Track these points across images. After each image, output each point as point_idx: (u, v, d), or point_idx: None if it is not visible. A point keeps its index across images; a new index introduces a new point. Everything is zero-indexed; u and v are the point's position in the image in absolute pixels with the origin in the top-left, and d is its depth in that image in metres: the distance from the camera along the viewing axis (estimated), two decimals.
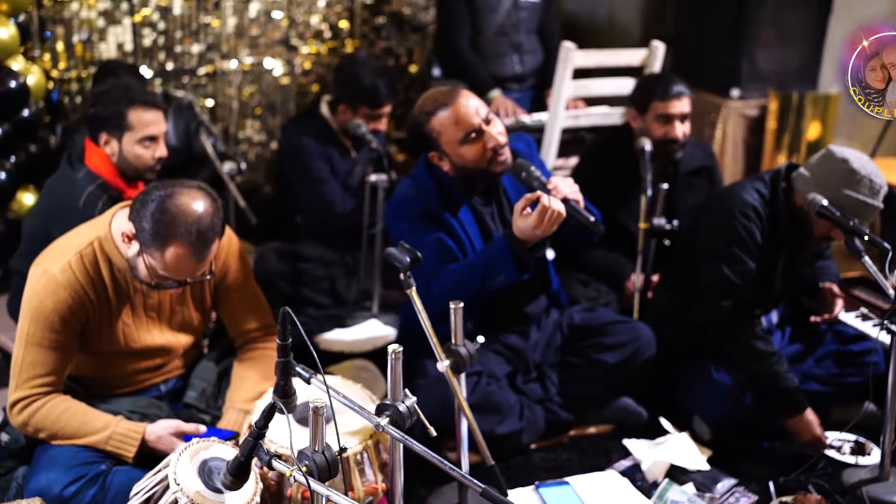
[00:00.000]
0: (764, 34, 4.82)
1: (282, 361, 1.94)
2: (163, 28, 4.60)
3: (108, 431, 2.40)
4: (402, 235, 2.86)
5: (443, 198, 2.91)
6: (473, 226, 2.94)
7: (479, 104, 2.85)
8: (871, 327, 3.39)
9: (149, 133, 3.03)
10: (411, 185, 2.96)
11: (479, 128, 2.81)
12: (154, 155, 3.06)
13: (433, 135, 2.86)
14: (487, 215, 2.99)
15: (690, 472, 2.90)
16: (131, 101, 3.02)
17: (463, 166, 2.85)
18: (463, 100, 2.83)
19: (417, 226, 2.86)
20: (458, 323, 2.35)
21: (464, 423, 2.49)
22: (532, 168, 2.79)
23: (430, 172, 2.95)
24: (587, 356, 3.09)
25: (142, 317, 2.57)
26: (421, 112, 2.88)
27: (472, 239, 2.92)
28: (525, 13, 4.58)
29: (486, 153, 2.81)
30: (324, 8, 5.01)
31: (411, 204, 2.91)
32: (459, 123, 2.81)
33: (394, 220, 2.97)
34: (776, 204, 3.07)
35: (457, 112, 2.81)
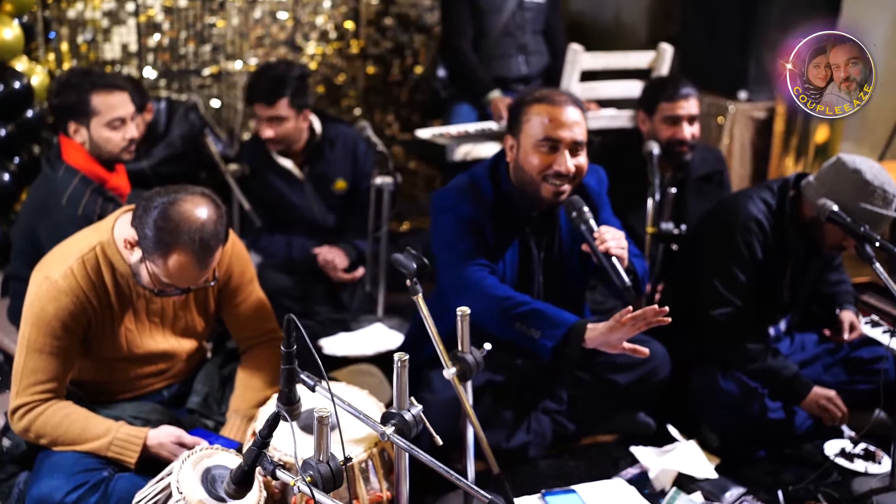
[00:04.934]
0: (772, 36, 4.78)
1: (286, 368, 1.92)
2: (167, 29, 4.58)
3: (110, 437, 2.38)
4: (441, 229, 2.80)
5: (494, 212, 2.78)
6: (514, 252, 2.84)
7: (580, 128, 2.69)
8: (882, 334, 3.37)
9: (116, 115, 3.02)
10: (469, 186, 2.82)
11: (561, 143, 2.67)
12: (125, 136, 3.05)
13: (523, 118, 2.72)
14: (534, 244, 2.86)
15: (698, 480, 2.87)
16: (93, 85, 3.02)
17: (522, 166, 2.72)
18: (569, 111, 2.69)
19: (461, 227, 2.74)
20: (465, 330, 2.32)
21: (470, 431, 2.46)
22: (585, 210, 2.63)
23: (491, 178, 2.82)
24: (598, 374, 3.03)
25: (144, 322, 2.55)
26: (532, 93, 2.77)
27: (506, 265, 2.82)
28: (530, 14, 4.55)
29: (547, 169, 2.67)
30: (329, 8, 4.99)
31: (463, 203, 2.77)
32: (549, 125, 2.67)
33: (440, 210, 2.82)
34: (783, 214, 3.04)
35: (555, 115, 2.67)
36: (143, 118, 3.78)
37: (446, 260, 2.77)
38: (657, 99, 3.55)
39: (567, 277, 2.96)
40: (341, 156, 3.92)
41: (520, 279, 2.88)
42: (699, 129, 3.57)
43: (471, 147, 3.99)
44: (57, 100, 3.05)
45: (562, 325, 2.57)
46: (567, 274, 2.95)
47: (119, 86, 3.08)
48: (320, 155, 3.91)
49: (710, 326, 3.06)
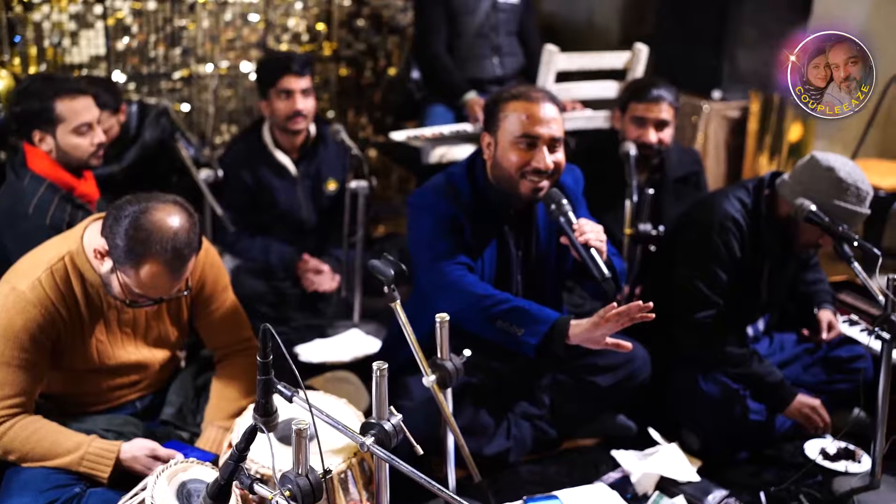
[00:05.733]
0: (744, 35, 4.80)
1: (262, 379, 1.87)
2: (136, 32, 4.51)
3: (81, 452, 2.31)
4: (419, 229, 2.77)
5: (472, 211, 2.76)
6: (492, 251, 2.82)
7: (558, 124, 2.68)
8: (860, 332, 3.38)
9: (82, 121, 2.96)
10: (446, 185, 2.80)
11: (539, 140, 2.65)
12: (92, 142, 2.99)
13: (500, 115, 2.71)
14: (512, 242, 2.85)
15: (681, 483, 2.86)
16: (56, 92, 2.95)
17: (500, 164, 2.71)
18: (547, 107, 2.68)
19: (439, 226, 2.72)
20: (445, 337, 2.29)
21: (450, 439, 2.43)
22: (564, 203, 2.63)
23: (469, 176, 2.81)
24: (579, 376, 3.02)
25: (116, 333, 2.49)
26: (507, 91, 2.76)
27: (485, 263, 2.80)
28: (504, 15, 4.54)
29: (525, 166, 2.66)
30: (301, 10, 4.94)
31: (440, 202, 2.75)
32: (526, 122, 2.65)
33: (417, 209, 2.80)
34: (759, 212, 3.04)
35: (531, 112, 2.66)
36: (118, 119, 3.72)
37: (425, 260, 2.74)
38: (629, 98, 3.54)
39: (545, 276, 2.94)
40: (333, 156, 3.91)
41: (498, 278, 2.86)
42: (670, 136, 3.54)
43: (446, 149, 3.96)
44: (19, 108, 2.97)
45: (545, 322, 2.54)
46: (545, 273, 2.94)
47: (83, 90, 3.02)
48: (315, 153, 3.95)
49: (689, 328, 3.05)
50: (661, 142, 3.50)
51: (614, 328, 2.42)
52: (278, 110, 3.80)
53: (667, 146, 3.53)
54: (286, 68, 3.79)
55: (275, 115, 3.82)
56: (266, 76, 3.85)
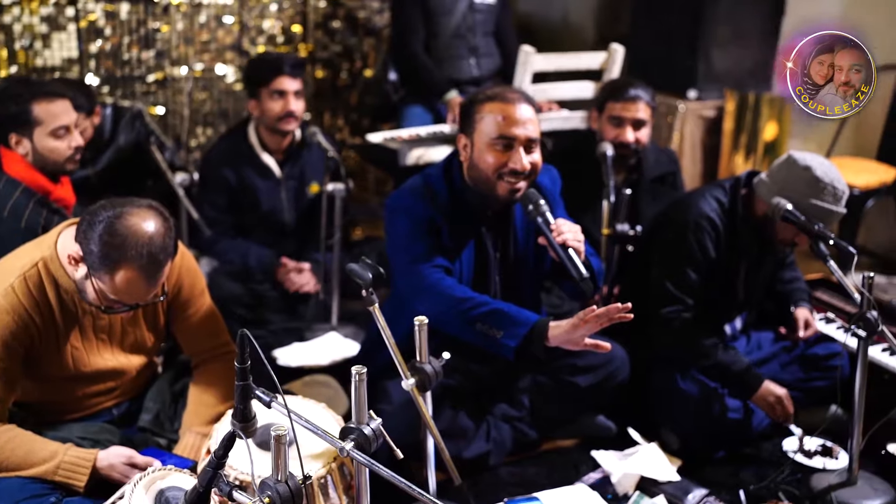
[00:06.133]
0: (719, 34, 4.83)
1: (241, 385, 1.86)
2: (109, 34, 4.47)
3: (57, 460, 2.28)
4: (396, 231, 2.76)
5: (449, 212, 2.76)
6: (470, 252, 2.82)
7: (534, 125, 2.68)
8: (836, 330, 3.40)
9: (60, 124, 2.93)
10: (423, 186, 2.79)
11: (515, 141, 2.64)
12: (70, 145, 2.97)
13: (476, 116, 2.70)
14: (490, 243, 2.85)
15: (661, 483, 2.86)
16: (33, 94, 2.93)
17: (476, 165, 2.70)
18: (522, 108, 2.67)
19: (416, 228, 2.71)
20: (424, 340, 2.28)
21: (430, 442, 2.42)
22: (541, 203, 2.63)
23: (445, 178, 2.80)
24: (558, 377, 3.02)
25: (92, 339, 2.46)
26: (483, 92, 2.75)
27: (463, 265, 2.80)
28: (481, 16, 4.53)
29: (502, 167, 2.65)
30: (276, 12, 4.91)
31: (417, 204, 2.74)
32: (502, 123, 2.64)
33: (394, 212, 2.79)
34: (735, 212, 3.05)
35: (507, 113, 2.65)
36: (92, 122, 3.68)
37: (402, 262, 2.73)
38: (607, 98, 3.55)
39: (523, 277, 2.94)
40: (317, 159, 3.90)
41: (477, 280, 2.86)
42: (647, 135, 3.55)
43: (423, 150, 3.95)
44: None
45: (524, 324, 2.54)
46: (523, 274, 2.94)
47: (60, 93, 3.00)
48: (299, 156, 3.94)
49: (663, 325, 3.06)
50: (639, 141, 3.51)
51: (593, 329, 2.43)
52: (270, 110, 3.78)
53: (644, 146, 3.54)
54: (280, 69, 3.78)
55: (265, 116, 3.80)
56: (258, 76, 3.83)
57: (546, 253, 2.74)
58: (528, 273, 2.95)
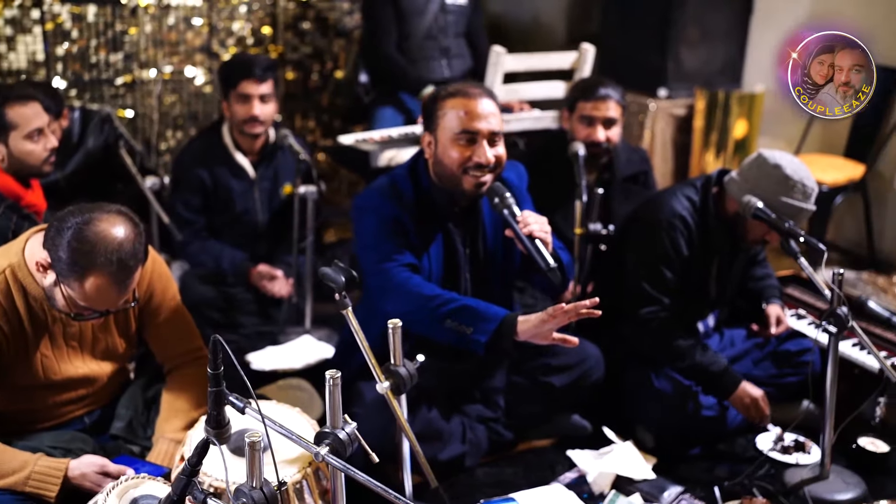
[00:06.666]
0: (689, 33, 4.87)
1: (214, 391, 1.84)
2: (77, 37, 4.42)
3: (27, 471, 2.25)
4: (364, 231, 2.77)
5: (416, 211, 2.77)
6: (439, 250, 2.82)
7: (497, 118, 2.70)
8: (807, 326, 3.43)
9: (34, 127, 2.93)
10: (389, 186, 2.80)
11: (479, 135, 2.66)
12: (45, 147, 2.97)
13: (438, 113, 2.71)
14: (458, 240, 2.85)
15: (636, 481, 2.88)
16: (5, 98, 2.92)
17: (441, 161, 2.71)
18: (484, 103, 2.69)
19: (383, 227, 2.72)
20: (398, 342, 2.27)
21: (405, 445, 2.41)
22: (507, 196, 2.66)
23: (411, 177, 2.81)
24: (533, 377, 3.03)
25: (62, 347, 2.43)
26: (444, 89, 2.76)
27: (432, 263, 2.80)
28: (452, 17, 4.53)
29: (467, 162, 2.67)
30: (246, 13, 4.88)
31: (384, 203, 2.75)
32: (464, 118, 2.66)
33: (362, 211, 2.80)
34: (707, 210, 3.07)
35: (469, 108, 2.67)
36: (60, 125, 3.63)
37: (371, 262, 2.73)
38: (577, 98, 3.56)
39: (493, 273, 2.95)
40: (291, 161, 3.87)
41: (446, 277, 2.86)
42: (619, 134, 3.57)
43: (395, 152, 3.94)
44: None
45: (493, 319, 2.55)
46: (493, 270, 2.95)
47: (32, 96, 2.99)
48: (273, 157, 3.91)
49: (639, 325, 3.08)
50: (609, 140, 3.52)
51: (561, 323, 2.44)
52: (236, 113, 3.76)
53: (615, 145, 3.55)
54: (247, 72, 3.75)
55: (233, 118, 3.79)
56: (227, 78, 3.81)
57: (516, 248, 2.76)
58: (499, 269, 2.96)
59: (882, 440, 3.06)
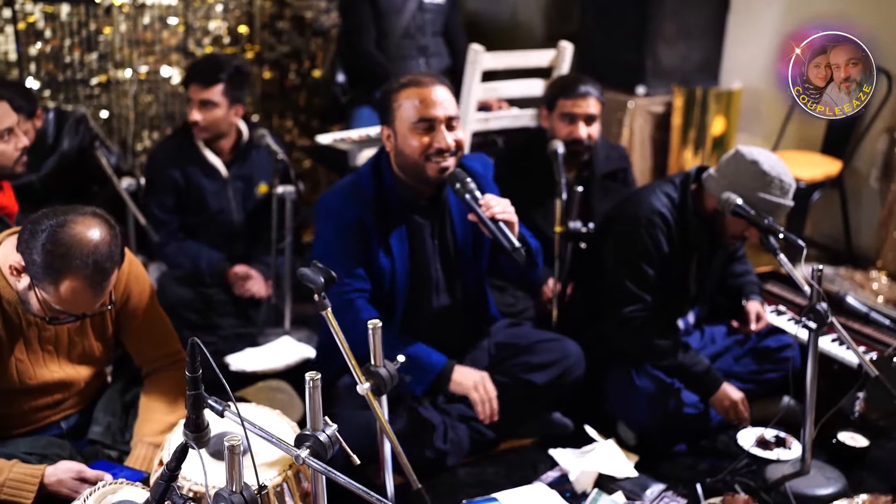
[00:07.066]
0: (666, 31, 4.87)
1: (192, 394, 1.82)
2: (50, 36, 4.37)
3: (1, 479, 2.21)
4: (324, 241, 2.81)
5: (379, 206, 2.79)
6: (404, 244, 2.84)
7: (451, 103, 2.75)
8: (787, 322, 3.45)
9: (3, 126, 2.91)
10: (350, 186, 2.85)
11: (436, 122, 2.70)
12: (17, 146, 2.94)
13: (393, 105, 2.75)
14: (426, 232, 2.88)
15: (619, 480, 2.88)
16: None
17: (402, 151, 2.75)
18: (438, 89, 2.73)
19: (341, 237, 2.76)
20: (378, 343, 2.26)
21: (387, 446, 2.40)
22: (468, 181, 2.70)
23: (374, 173, 2.84)
24: (514, 376, 3.02)
25: (37, 351, 2.40)
26: (396, 81, 2.79)
27: (395, 261, 2.82)
28: (430, 15, 4.51)
29: (427, 149, 2.71)
30: (222, 12, 4.84)
31: (344, 209, 2.79)
32: (420, 107, 2.70)
33: (322, 218, 2.85)
34: (686, 207, 3.08)
35: (424, 96, 2.71)
36: (34, 124, 3.59)
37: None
38: (557, 95, 3.55)
39: (465, 265, 2.98)
40: (265, 160, 3.85)
41: (415, 272, 2.89)
42: (598, 131, 3.57)
43: (373, 151, 3.89)
44: None
45: (431, 372, 2.80)
46: (465, 262, 2.97)
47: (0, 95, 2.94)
48: (247, 157, 3.88)
49: (619, 323, 3.08)
50: (591, 137, 3.53)
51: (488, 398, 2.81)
52: (187, 116, 3.75)
53: (595, 141, 3.56)
54: (190, 76, 3.75)
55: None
56: (184, 80, 3.80)
57: (485, 237, 2.80)
58: (470, 261, 2.98)
59: (861, 434, 3.08)
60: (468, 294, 3.00)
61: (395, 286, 2.85)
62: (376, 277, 2.82)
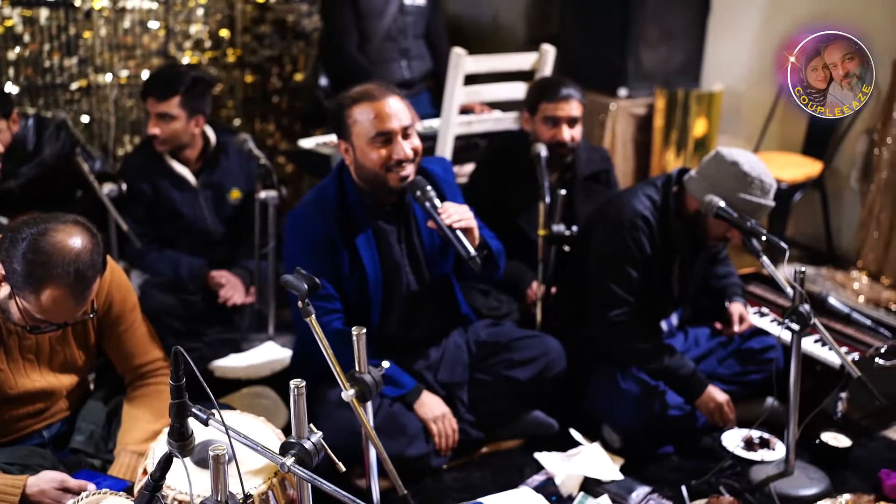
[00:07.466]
0: (648, 33, 4.89)
1: (176, 403, 1.81)
2: (29, 40, 4.33)
3: None
4: (291, 257, 2.82)
5: (343, 218, 2.81)
6: (373, 250, 2.85)
7: (405, 114, 2.75)
8: (770, 323, 3.46)
9: None
10: (315, 198, 2.87)
11: (393, 134, 2.71)
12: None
13: (348, 121, 2.75)
14: (393, 237, 2.89)
15: (604, 483, 2.88)
16: None
17: (363, 165, 2.76)
18: (391, 101, 2.73)
19: (307, 253, 2.77)
20: (362, 349, 2.25)
21: (372, 452, 2.39)
22: (428, 188, 2.73)
23: (337, 182, 2.86)
24: (497, 373, 3.05)
25: (18, 360, 2.37)
26: (346, 96, 2.79)
27: (367, 268, 2.83)
28: (411, 18, 4.51)
29: (387, 161, 2.72)
30: (203, 16, 4.82)
31: (310, 224, 2.81)
32: (375, 121, 2.71)
33: (289, 235, 2.87)
34: (668, 209, 3.09)
35: (378, 110, 2.71)
36: (9, 126, 3.55)
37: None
38: (539, 99, 3.56)
39: (436, 270, 2.99)
40: (236, 166, 3.82)
41: (388, 279, 2.89)
42: (580, 132, 3.58)
43: None
44: None
45: (401, 388, 2.89)
46: (435, 265, 2.99)
47: None
48: (216, 164, 3.81)
49: (604, 326, 3.08)
50: (574, 139, 3.53)
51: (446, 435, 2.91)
52: None
53: (578, 143, 3.57)
54: (146, 90, 3.67)
55: None
56: (141, 93, 3.75)
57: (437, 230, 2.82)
58: (438, 262, 3.00)
59: (844, 435, 3.10)
60: (439, 295, 3.01)
61: (369, 292, 2.86)
62: (350, 286, 2.83)
